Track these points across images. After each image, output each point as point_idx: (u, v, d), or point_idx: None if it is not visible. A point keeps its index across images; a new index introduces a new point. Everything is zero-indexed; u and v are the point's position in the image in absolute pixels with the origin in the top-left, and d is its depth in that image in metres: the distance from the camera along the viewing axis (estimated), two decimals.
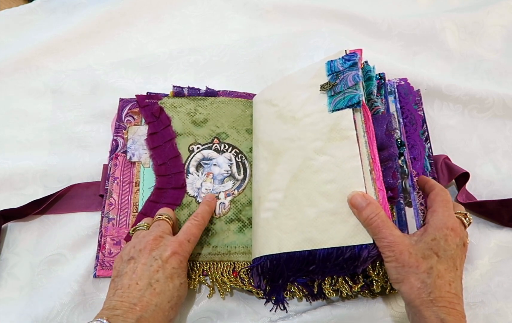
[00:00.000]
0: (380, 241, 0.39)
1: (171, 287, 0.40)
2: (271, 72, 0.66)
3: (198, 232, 0.46)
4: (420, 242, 0.39)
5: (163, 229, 0.44)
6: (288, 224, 0.45)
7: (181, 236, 0.44)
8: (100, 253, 0.50)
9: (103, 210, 0.52)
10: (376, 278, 0.43)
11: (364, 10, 0.70)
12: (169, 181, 0.53)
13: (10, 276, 0.51)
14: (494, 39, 0.67)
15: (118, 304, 0.38)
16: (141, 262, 0.41)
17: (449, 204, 0.42)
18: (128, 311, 0.37)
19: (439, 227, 0.40)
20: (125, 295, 0.38)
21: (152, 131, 0.56)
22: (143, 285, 0.39)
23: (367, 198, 0.41)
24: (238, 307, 0.48)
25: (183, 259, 0.42)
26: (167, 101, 0.58)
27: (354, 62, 0.48)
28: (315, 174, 0.45)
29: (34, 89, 0.65)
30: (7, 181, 0.56)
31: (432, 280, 0.37)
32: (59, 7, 0.73)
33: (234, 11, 0.73)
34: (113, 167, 0.54)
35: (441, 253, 0.38)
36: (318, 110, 0.48)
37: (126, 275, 0.40)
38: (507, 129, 0.59)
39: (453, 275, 0.38)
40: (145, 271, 0.40)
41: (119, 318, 0.36)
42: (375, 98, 0.49)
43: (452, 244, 0.39)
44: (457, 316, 0.37)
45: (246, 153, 0.56)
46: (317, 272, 0.43)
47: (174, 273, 0.41)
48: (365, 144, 0.44)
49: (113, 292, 0.40)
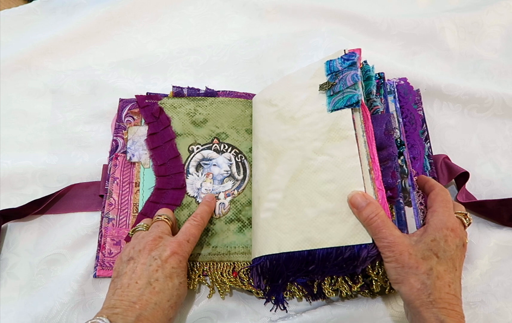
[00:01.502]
0: (380, 241, 0.39)
1: (171, 286, 0.40)
2: (270, 72, 0.66)
3: (197, 232, 0.46)
4: (420, 243, 0.39)
5: (162, 229, 0.44)
6: (288, 224, 0.45)
7: (180, 237, 0.44)
8: (100, 253, 0.50)
9: (103, 210, 0.52)
10: (375, 277, 0.43)
11: (364, 10, 0.70)
12: (169, 182, 0.53)
13: (10, 276, 0.51)
14: (494, 39, 0.67)
15: (118, 303, 0.38)
16: (141, 262, 0.41)
17: (449, 204, 0.42)
18: (127, 309, 0.37)
19: (439, 227, 0.40)
20: (125, 294, 0.39)
21: (152, 132, 0.56)
22: (143, 284, 0.39)
23: (367, 198, 0.41)
24: (238, 307, 0.48)
25: (183, 259, 0.42)
26: (166, 102, 0.59)
27: (353, 62, 0.48)
28: (314, 174, 0.45)
29: (34, 89, 0.65)
30: (7, 181, 0.56)
31: (431, 282, 0.37)
32: (58, 7, 0.73)
33: (233, 11, 0.73)
34: (113, 167, 0.54)
35: (440, 254, 0.38)
36: (317, 110, 0.48)
37: (126, 275, 0.40)
38: (507, 129, 0.59)
39: (453, 276, 0.38)
40: (144, 270, 0.40)
41: (119, 316, 0.37)
42: (374, 98, 0.49)
43: (452, 245, 0.39)
44: (457, 317, 0.36)
45: (246, 153, 0.56)
46: (317, 272, 0.43)
47: (173, 273, 0.41)
48: (364, 143, 0.44)
49: (113, 291, 0.40)
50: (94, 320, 0.36)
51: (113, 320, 0.36)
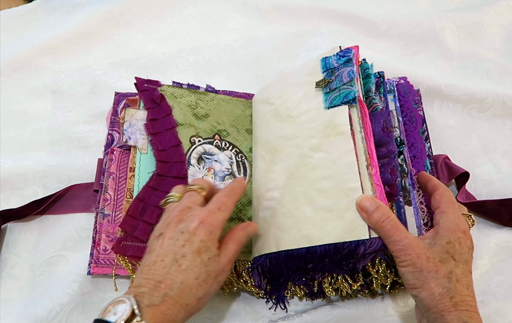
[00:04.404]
0: (395, 244, 0.38)
1: (198, 262, 0.37)
2: (270, 72, 0.66)
3: (229, 201, 0.41)
4: (435, 245, 0.38)
5: (193, 200, 0.41)
6: (286, 222, 0.45)
7: (210, 205, 0.40)
8: (95, 250, 0.48)
9: (98, 206, 0.50)
10: (375, 276, 0.43)
11: (364, 10, 0.70)
12: (170, 169, 0.50)
13: (10, 277, 0.51)
14: (494, 39, 0.67)
15: (144, 282, 0.36)
16: (168, 237, 0.38)
17: (456, 205, 0.42)
18: (153, 289, 0.35)
19: (452, 229, 0.39)
20: (151, 272, 0.37)
21: (152, 117, 0.53)
22: (168, 261, 0.37)
23: (376, 202, 0.40)
24: (238, 307, 0.48)
25: (214, 229, 0.39)
26: (167, 90, 0.56)
27: (348, 58, 0.48)
28: (312, 171, 0.45)
29: (34, 89, 0.65)
30: (7, 181, 0.56)
31: (453, 285, 0.37)
32: (59, 7, 0.73)
33: (233, 11, 0.73)
34: (109, 162, 0.53)
35: (457, 256, 0.38)
36: (314, 108, 0.48)
37: (154, 251, 0.38)
38: (507, 129, 0.59)
39: (469, 279, 0.38)
40: (170, 246, 0.38)
41: (145, 296, 0.35)
42: (373, 96, 0.49)
43: (465, 247, 0.38)
44: (478, 319, 0.36)
45: (246, 153, 0.56)
46: (316, 269, 0.43)
47: (202, 247, 0.37)
48: (362, 139, 0.44)
49: (141, 269, 0.38)
50: (121, 298, 0.34)
51: (140, 299, 0.35)
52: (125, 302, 0.34)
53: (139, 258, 0.45)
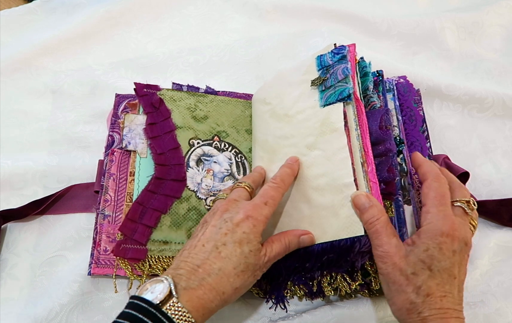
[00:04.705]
0: (375, 248, 0.38)
1: (239, 253, 0.37)
2: (270, 72, 0.65)
3: (276, 194, 0.41)
4: (411, 254, 0.36)
5: (240, 194, 0.42)
6: (283, 222, 0.45)
7: (257, 199, 0.40)
8: (95, 251, 0.49)
9: (99, 207, 0.51)
10: (374, 275, 0.43)
11: (364, 10, 0.70)
12: (169, 172, 0.51)
13: (10, 277, 0.51)
14: (494, 39, 0.67)
15: (182, 264, 0.37)
16: (211, 224, 0.39)
17: (443, 199, 0.39)
18: (191, 272, 0.36)
19: (433, 234, 0.36)
20: (191, 255, 0.37)
21: (151, 121, 0.54)
22: (209, 247, 0.37)
23: (371, 200, 0.39)
24: (238, 307, 0.48)
25: (257, 223, 0.39)
26: (166, 93, 0.57)
27: (343, 55, 0.48)
28: (308, 170, 0.45)
29: (34, 89, 0.65)
30: (7, 181, 0.56)
31: (420, 300, 0.35)
32: (59, 7, 0.73)
33: (233, 11, 0.73)
34: (109, 163, 0.53)
35: (434, 266, 0.35)
36: (310, 106, 0.48)
37: (196, 237, 0.39)
38: (507, 129, 0.59)
39: (447, 288, 0.35)
40: (213, 233, 0.38)
41: (183, 278, 0.35)
42: (371, 94, 0.49)
43: (447, 253, 0.36)
44: None
45: (246, 153, 0.56)
46: (315, 268, 0.43)
47: (243, 239, 0.38)
48: (357, 137, 0.44)
49: (181, 252, 0.38)
50: (160, 277, 0.35)
51: (177, 281, 0.35)
52: (163, 282, 0.34)
53: (138, 260, 0.46)
